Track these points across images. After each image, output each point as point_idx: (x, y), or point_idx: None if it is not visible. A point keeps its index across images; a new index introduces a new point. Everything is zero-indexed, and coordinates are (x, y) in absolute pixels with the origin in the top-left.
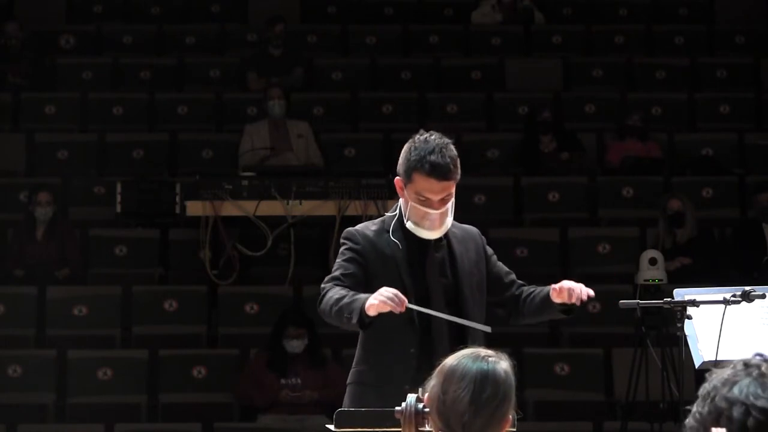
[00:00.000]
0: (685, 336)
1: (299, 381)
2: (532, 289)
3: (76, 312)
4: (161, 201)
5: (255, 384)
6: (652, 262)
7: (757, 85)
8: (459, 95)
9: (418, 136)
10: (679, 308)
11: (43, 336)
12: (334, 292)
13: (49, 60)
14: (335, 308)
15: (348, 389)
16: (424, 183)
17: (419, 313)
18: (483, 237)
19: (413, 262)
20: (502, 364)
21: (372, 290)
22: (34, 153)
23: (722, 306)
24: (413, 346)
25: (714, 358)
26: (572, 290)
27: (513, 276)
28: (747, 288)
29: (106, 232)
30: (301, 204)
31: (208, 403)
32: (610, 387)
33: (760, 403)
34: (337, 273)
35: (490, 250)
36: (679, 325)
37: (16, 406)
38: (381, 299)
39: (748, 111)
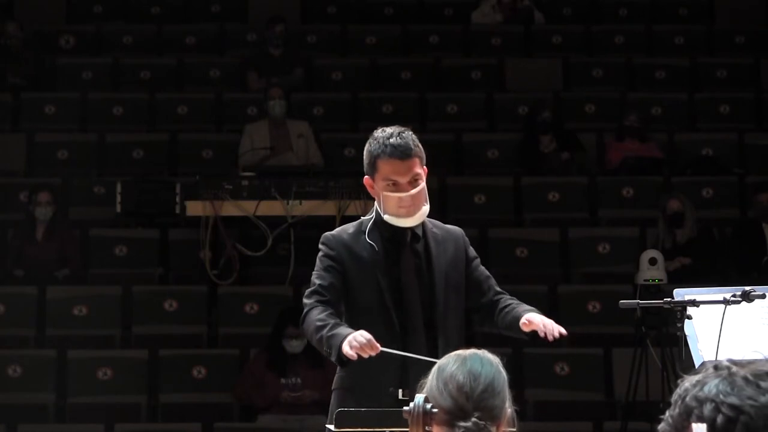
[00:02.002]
0: (685, 336)
1: (299, 381)
2: (508, 302)
3: (76, 312)
4: (161, 201)
5: (255, 384)
6: (652, 262)
7: (757, 85)
8: (459, 95)
9: (375, 131)
10: (679, 308)
11: (43, 336)
12: (315, 316)
13: (49, 60)
14: (316, 337)
15: (333, 394)
16: (388, 166)
17: (399, 317)
18: (466, 238)
19: (389, 264)
20: (491, 356)
21: (351, 294)
22: (34, 153)
23: (722, 306)
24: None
25: (714, 358)
26: (544, 328)
27: (492, 282)
28: (747, 288)
29: (106, 232)
30: (301, 204)
31: (208, 403)
32: (610, 387)
33: (730, 400)
34: (316, 285)
35: (472, 253)
36: (679, 325)
37: (16, 406)
38: (355, 346)
39: (748, 111)
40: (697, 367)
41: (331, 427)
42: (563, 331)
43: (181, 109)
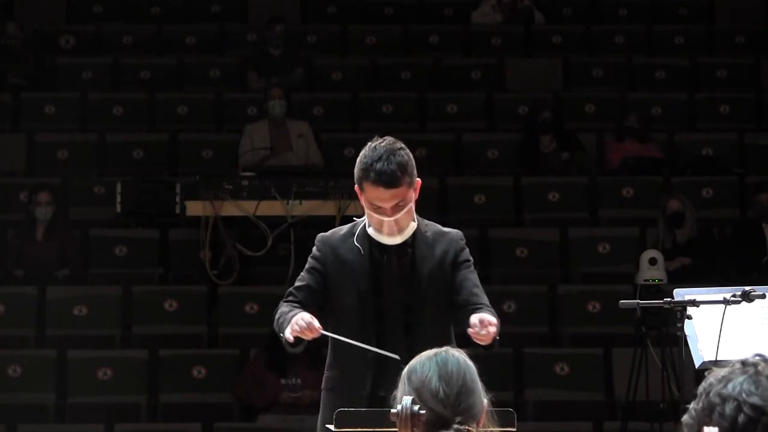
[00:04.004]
0: (685, 336)
1: (299, 381)
2: (477, 305)
3: (76, 312)
4: (161, 201)
5: (255, 384)
6: (652, 262)
7: (757, 85)
8: (459, 95)
9: (370, 142)
10: (679, 308)
11: (43, 336)
12: (280, 312)
13: (49, 60)
14: (277, 329)
15: (321, 394)
16: (373, 192)
17: (375, 319)
18: (462, 242)
19: (373, 268)
20: (456, 352)
21: (333, 296)
22: (34, 153)
23: (722, 306)
24: (370, 351)
25: (714, 358)
26: (476, 327)
27: (470, 285)
28: (747, 288)
29: (106, 232)
30: (301, 204)
31: (208, 403)
32: (610, 387)
33: (752, 399)
34: (293, 287)
35: (464, 257)
36: (679, 325)
37: (16, 406)
38: (295, 329)
39: (748, 111)
40: (697, 366)
41: (331, 427)
42: (491, 333)
43: (181, 109)
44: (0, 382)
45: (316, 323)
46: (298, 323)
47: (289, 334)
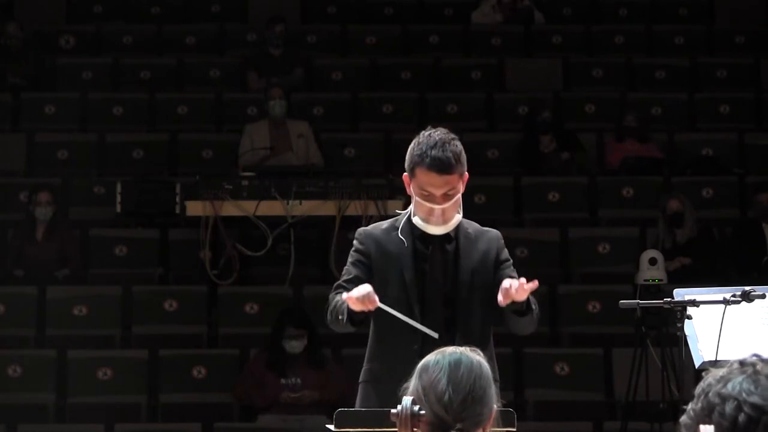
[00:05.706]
0: (685, 336)
1: (299, 381)
2: None
3: (76, 312)
4: (161, 201)
5: (255, 384)
6: (652, 262)
7: (757, 85)
8: (459, 95)
9: (424, 131)
10: (679, 308)
11: (43, 336)
12: (334, 301)
13: (49, 60)
14: (332, 316)
15: (359, 387)
16: (425, 177)
17: (421, 312)
18: (502, 241)
19: (417, 260)
20: (474, 355)
21: (378, 288)
22: (34, 153)
23: (722, 306)
24: (416, 342)
25: (714, 358)
26: (506, 291)
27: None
28: (747, 288)
29: (106, 232)
30: (301, 204)
31: (208, 403)
32: (610, 387)
33: (752, 399)
34: (341, 280)
35: (504, 256)
36: (679, 325)
37: (16, 406)
38: (353, 298)
39: (748, 111)
40: (697, 366)
41: (331, 426)
42: (534, 284)
43: (181, 109)
44: (0, 382)
45: (375, 296)
46: (359, 291)
47: (346, 305)
